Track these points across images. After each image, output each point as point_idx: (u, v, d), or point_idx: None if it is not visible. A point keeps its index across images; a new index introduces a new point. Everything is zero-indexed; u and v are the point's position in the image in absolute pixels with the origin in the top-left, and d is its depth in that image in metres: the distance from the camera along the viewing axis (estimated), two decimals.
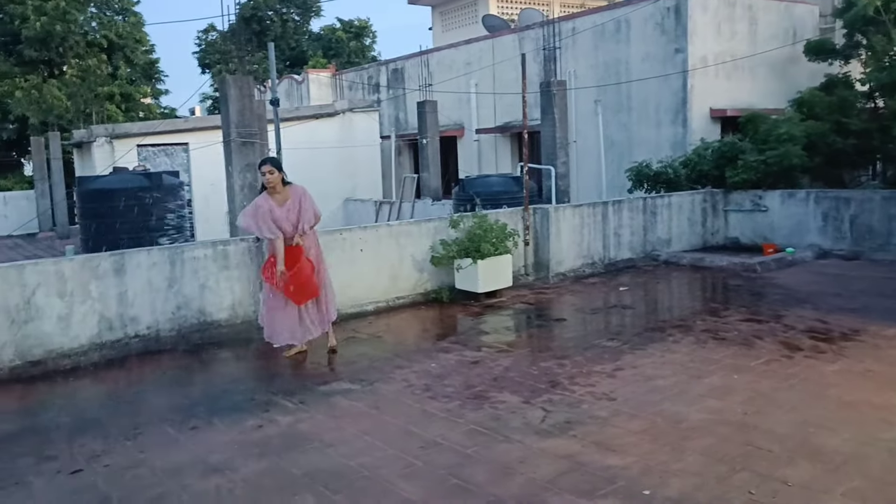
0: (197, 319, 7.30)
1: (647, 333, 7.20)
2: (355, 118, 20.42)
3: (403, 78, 22.38)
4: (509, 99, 17.65)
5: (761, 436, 4.53)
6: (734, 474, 4.03)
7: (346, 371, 6.28)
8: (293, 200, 6.50)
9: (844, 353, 6.25)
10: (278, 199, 6.47)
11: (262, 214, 6.39)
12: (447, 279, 9.06)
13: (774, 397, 5.22)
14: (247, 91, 8.97)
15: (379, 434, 4.83)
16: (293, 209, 6.48)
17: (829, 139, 12.82)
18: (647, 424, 4.80)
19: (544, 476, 4.09)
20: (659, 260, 11.35)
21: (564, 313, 8.37)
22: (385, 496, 3.94)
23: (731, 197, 12.48)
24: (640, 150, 14.89)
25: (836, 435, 4.51)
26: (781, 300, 8.44)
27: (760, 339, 6.79)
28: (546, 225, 10.02)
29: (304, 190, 6.62)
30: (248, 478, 4.23)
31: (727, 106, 14.68)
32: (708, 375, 5.77)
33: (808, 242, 11.44)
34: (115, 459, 4.55)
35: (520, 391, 5.56)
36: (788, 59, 15.44)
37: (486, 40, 19.69)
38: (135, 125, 19.06)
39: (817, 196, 11.52)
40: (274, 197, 6.47)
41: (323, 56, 35.65)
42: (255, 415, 5.31)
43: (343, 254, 8.20)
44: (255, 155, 9.01)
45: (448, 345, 7.05)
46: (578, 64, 16.63)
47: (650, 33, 15.05)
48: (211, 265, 7.38)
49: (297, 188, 6.60)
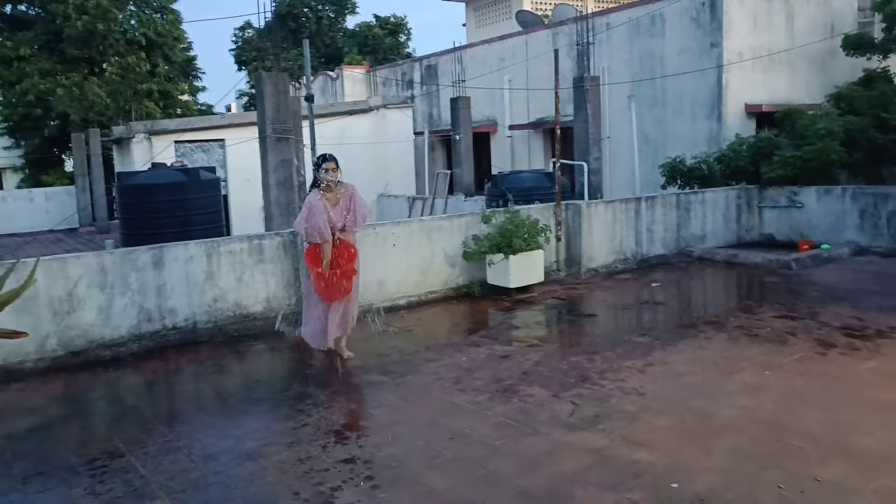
0: (233, 312, 7.45)
1: (678, 330, 7.17)
2: (389, 114, 20.53)
3: (437, 74, 22.43)
4: (542, 95, 17.59)
5: (792, 434, 4.51)
6: (763, 472, 4.02)
7: (378, 364, 6.37)
8: (345, 200, 6.38)
9: (881, 350, 6.17)
10: (331, 198, 6.33)
11: (318, 215, 6.20)
12: (479, 274, 9.11)
13: (807, 395, 5.18)
14: (282, 88, 9.10)
15: (408, 425, 4.91)
16: (345, 208, 6.37)
17: (869, 135, 12.59)
18: (675, 420, 4.80)
19: (571, 469, 4.13)
20: (692, 256, 11.26)
21: (595, 309, 8.37)
22: (413, 486, 4.01)
23: (766, 193, 12.32)
24: (674, 146, 14.75)
25: (870, 434, 4.46)
26: (817, 297, 8.33)
27: (794, 336, 6.72)
28: (578, 220, 10.01)
29: (353, 188, 6.50)
30: (281, 465, 4.33)
31: (763, 101, 14.47)
32: (739, 372, 5.74)
33: (845, 239, 11.25)
34: (154, 446, 4.69)
35: (549, 385, 5.59)
36: (826, 54, 15.16)
37: (520, 36, 19.65)
38: (172, 122, 19.39)
39: (854, 192, 11.33)
40: (327, 196, 6.32)
41: (358, 53, 35.85)
42: (288, 404, 5.43)
43: (376, 249, 8.29)
44: (290, 151, 9.14)
45: (478, 339, 7.11)
46: (612, 59, 16.52)
47: (685, 27, 14.89)
48: (246, 259, 7.52)
49: (347, 186, 6.47)
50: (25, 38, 27.03)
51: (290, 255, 7.73)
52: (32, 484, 4.22)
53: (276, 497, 3.94)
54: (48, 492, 4.12)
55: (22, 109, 26.92)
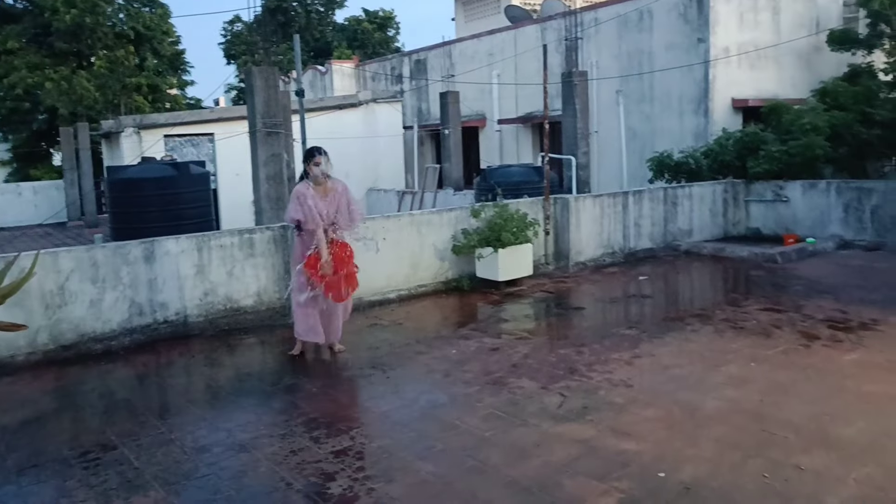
0: (224, 306, 7.48)
1: (665, 323, 7.27)
2: (378, 108, 20.54)
3: (426, 68, 22.46)
4: (531, 89, 17.66)
5: (777, 424, 4.59)
6: (748, 461, 4.10)
7: (368, 357, 6.43)
8: (335, 194, 6.26)
9: (863, 343, 6.27)
10: (320, 190, 6.23)
11: (306, 203, 6.12)
12: (468, 268, 9.18)
13: (791, 387, 5.28)
14: (272, 82, 9.12)
15: (399, 417, 4.97)
16: (334, 203, 6.24)
17: (854, 129, 12.73)
18: (662, 412, 4.88)
19: (560, 459, 4.20)
20: (679, 250, 11.37)
21: (583, 302, 8.45)
22: (405, 476, 4.07)
23: (752, 187, 12.45)
24: (661, 141, 14.87)
25: (853, 424, 4.55)
26: (801, 290, 8.45)
27: (779, 328, 6.83)
28: (566, 215, 10.09)
29: (345, 186, 6.39)
30: (273, 456, 4.38)
31: (749, 96, 14.60)
32: (725, 364, 5.83)
33: (830, 233, 11.39)
34: (146, 438, 4.73)
35: (537, 377, 5.67)
36: (812, 49, 15.30)
37: (509, 31, 19.70)
38: (162, 116, 19.34)
39: (839, 187, 11.47)
40: (316, 188, 6.23)
41: (347, 47, 35.82)
42: (279, 397, 5.48)
43: (366, 243, 8.32)
44: (280, 145, 9.17)
45: (468, 332, 7.17)
46: (601, 54, 16.60)
47: (672, 23, 14.99)
48: (237, 253, 7.56)
49: (338, 182, 6.36)
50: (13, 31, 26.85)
51: (280, 249, 7.77)
52: (27, 476, 4.25)
53: (270, 488, 4.00)
54: (42, 484, 4.16)
55: (10, 103, 26.76)
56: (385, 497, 3.85)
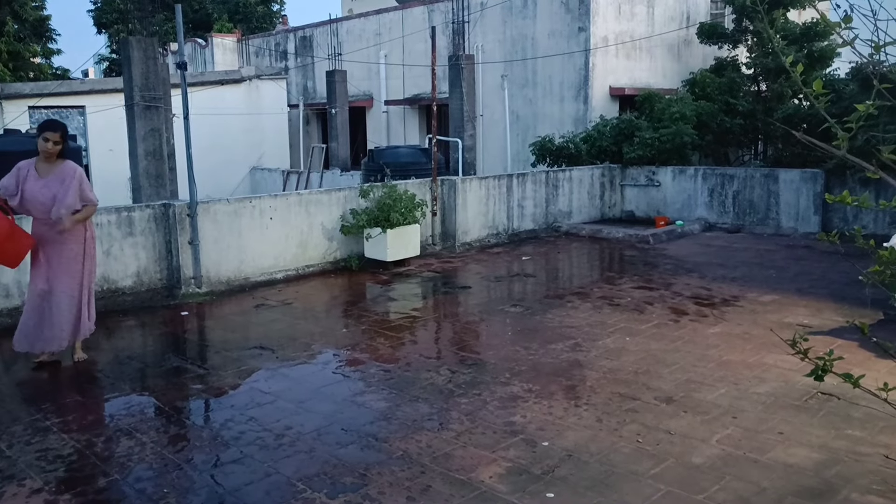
0: (100, 287, 7.15)
1: (547, 300, 7.58)
2: (262, 85, 20.04)
3: (312, 46, 22.07)
4: (418, 71, 17.74)
5: (649, 392, 4.94)
6: (623, 426, 4.39)
7: (257, 337, 6.35)
8: (57, 177, 5.52)
9: (725, 317, 6.80)
10: (43, 169, 5.54)
11: (12, 174, 5.51)
12: (357, 248, 9.19)
13: (662, 357, 5.66)
14: (151, 53, 8.75)
15: (293, 396, 4.97)
16: (52, 186, 5.49)
17: (718, 119, 13.61)
18: (545, 385, 5.13)
19: (451, 432, 4.35)
20: (560, 231, 11.83)
21: (470, 281, 8.66)
22: (305, 454, 4.09)
23: (627, 172, 13.09)
24: (543, 125, 15.34)
25: (715, 390, 4.96)
26: (671, 269, 9.02)
27: (651, 305, 7.28)
28: (453, 196, 10.27)
29: (78, 172, 5.63)
30: (166, 442, 4.29)
31: (626, 85, 15.30)
32: (603, 339, 6.17)
33: (697, 216, 12.19)
34: (19, 426, 4.50)
35: (427, 354, 5.80)
36: (683, 42, 16.20)
37: (396, 11, 19.66)
38: (27, 85, 18.06)
39: (705, 173, 12.27)
40: (39, 166, 5.55)
41: (229, 20, 34.51)
42: (166, 380, 5.34)
43: (252, 221, 8.19)
44: (160, 120, 8.82)
45: (357, 311, 7.22)
46: (486, 38, 16.88)
47: (555, 11, 15.44)
48: (115, 231, 7.25)
49: (70, 166, 5.61)
50: None
51: (161, 227, 7.51)
52: None
53: (161, 471, 3.92)
54: None
55: None
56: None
